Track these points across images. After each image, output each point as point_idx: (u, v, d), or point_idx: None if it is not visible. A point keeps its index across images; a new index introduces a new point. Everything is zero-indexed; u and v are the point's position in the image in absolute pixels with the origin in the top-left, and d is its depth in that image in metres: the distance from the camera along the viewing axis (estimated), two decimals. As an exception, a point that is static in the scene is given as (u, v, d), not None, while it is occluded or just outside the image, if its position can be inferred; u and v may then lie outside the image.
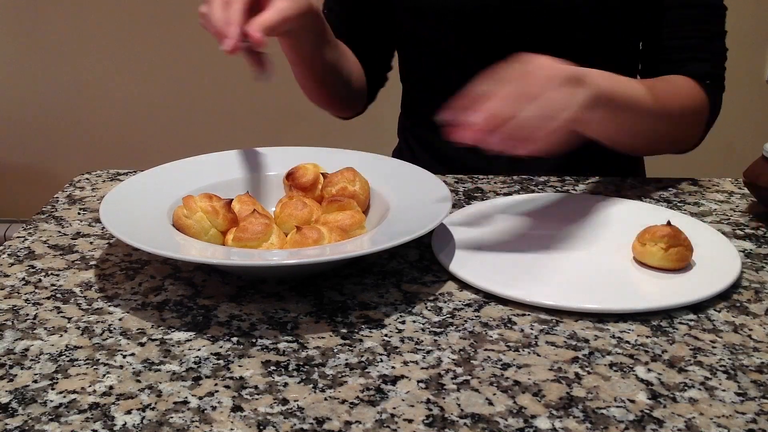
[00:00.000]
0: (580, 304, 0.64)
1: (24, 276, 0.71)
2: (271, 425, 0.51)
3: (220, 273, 0.71)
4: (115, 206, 0.71)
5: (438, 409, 0.52)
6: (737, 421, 0.51)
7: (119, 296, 0.67)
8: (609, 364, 0.58)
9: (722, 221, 0.83)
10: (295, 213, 0.73)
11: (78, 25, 2.27)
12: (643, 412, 0.52)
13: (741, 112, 2.17)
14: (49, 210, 0.86)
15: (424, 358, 0.58)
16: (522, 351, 0.59)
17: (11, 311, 0.65)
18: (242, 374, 0.56)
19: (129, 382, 0.55)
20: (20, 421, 0.51)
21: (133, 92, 2.33)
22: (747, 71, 2.19)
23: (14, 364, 0.57)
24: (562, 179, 0.94)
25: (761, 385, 0.55)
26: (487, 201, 0.86)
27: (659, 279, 0.69)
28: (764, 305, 0.66)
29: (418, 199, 0.75)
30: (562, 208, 0.84)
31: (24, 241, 0.78)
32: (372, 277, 0.70)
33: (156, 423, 0.51)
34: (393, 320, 0.63)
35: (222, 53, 0.74)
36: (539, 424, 0.51)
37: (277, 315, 0.64)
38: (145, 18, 2.25)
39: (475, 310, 0.65)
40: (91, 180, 0.94)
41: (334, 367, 0.57)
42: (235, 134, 2.32)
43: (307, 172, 0.78)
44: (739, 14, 2.12)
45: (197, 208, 0.71)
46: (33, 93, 2.36)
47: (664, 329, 0.62)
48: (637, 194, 0.90)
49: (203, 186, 0.79)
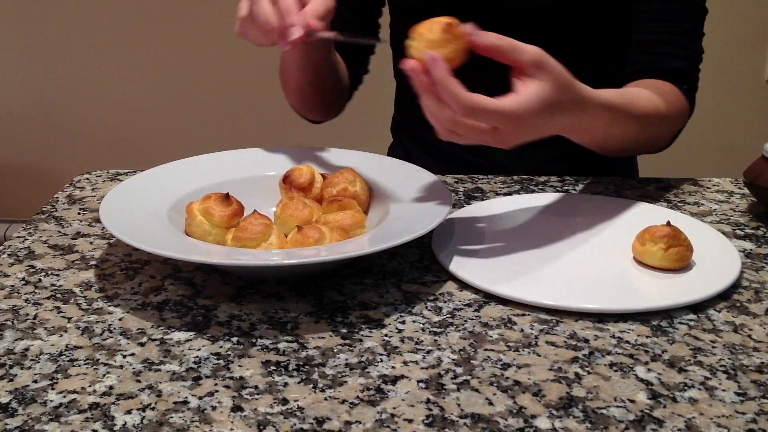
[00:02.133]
0: (580, 304, 0.64)
1: (24, 276, 0.71)
2: (271, 425, 0.51)
3: (220, 273, 0.71)
4: (115, 206, 0.72)
5: (438, 409, 0.52)
6: (737, 421, 0.51)
7: (119, 296, 0.67)
8: (609, 364, 0.58)
9: (722, 221, 0.83)
10: (295, 213, 0.73)
11: (78, 25, 2.27)
12: (643, 412, 0.52)
13: (741, 112, 2.17)
14: (49, 210, 0.86)
15: (424, 358, 0.58)
16: (522, 351, 0.59)
17: (11, 311, 0.65)
18: (242, 374, 0.56)
19: (129, 382, 0.55)
20: (20, 421, 0.51)
21: (133, 92, 2.33)
22: (747, 71, 2.19)
23: (14, 364, 0.57)
24: (562, 179, 0.94)
25: (761, 385, 0.55)
26: (487, 201, 0.86)
27: (659, 279, 0.69)
28: (764, 305, 0.66)
29: (418, 199, 0.75)
30: (562, 208, 0.84)
31: (24, 241, 0.78)
32: (372, 277, 0.70)
33: (156, 423, 0.51)
34: (393, 320, 0.63)
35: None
36: (539, 424, 0.51)
37: (277, 315, 0.64)
38: (145, 18, 2.25)
39: (475, 310, 0.65)
40: (91, 180, 0.94)
41: (334, 367, 0.57)
42: (235, 134, 2.32)
43: (302, 173, 0.79)
44: (739, 14, 2.13)
45: (196, 213, 0.71)
46: (33, 93, 2.36)
47: (664, 329, 0.62)
48: (637, 194, 0.90)
49: (203, 186, 0.79)
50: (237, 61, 2.17)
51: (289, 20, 0.73)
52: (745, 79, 2.20)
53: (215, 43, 2.22)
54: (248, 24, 0.77)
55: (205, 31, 2.22)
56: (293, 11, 0.73)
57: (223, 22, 2.21)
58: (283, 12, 0.74)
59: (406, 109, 1.13)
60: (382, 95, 1.20)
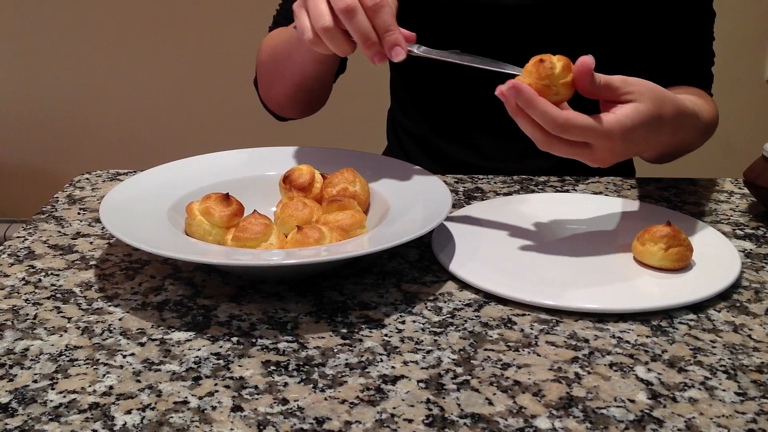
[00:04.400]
0: (580, 304, 0.64)
1: (24, 276, 0.71)
2: (271, 425, 0.51)
3: (220, 273, 0.71)
4: (115, 206, 0.72)
5: (438, 409, 0.52)
6: (737, 421, 0.51)
7: (119, 296, 0.67)
8: (609, 364, 0.58)
9: (722, 221, 0.83)
10: (296, 213, 0.73)
11: (78, 25, 2.27)
12: (643, 412, 0.52)
13: (741, 112, 2.17)
14: (49, 210, 0.86)
15: (424, 358, 0.58)
16: (522, 351, 0.59)
17: (11, 311, 0.65)
18: (242, 374, 0.56)
19: (129, 382, 0.55)
20: (20, 421, 0.51)
21: (133, 92, 2.33)
22: (747, 71, 2.19)
23: (14, 364, 0.57)
24: (562, 179, 0.94)
25: (761, 385, 0.55)
26: (487, 201, 0.86)
27: (659, 279, 0.69)
28: (764, 305, 0.66)
29: (418, 199, 0.75)
30: (562, 208, 0.84)
31: (24, 241, 0.78)
32: (372, 277, 0.70)
33: (156, 423, 0.51)
34: (393, 320, 0.63)
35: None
36: (539, 424, 0.51)
37: (277, 315, 0.64)
38: (146, 18, 2.25)
39: (475, 310, 0.65)
40: (91, 180, 0.94)
41: (334, 367, 0.57)
42: (235, 134, 2.32)
43: (302, 173, 0.79)
44: (739, 14, 2.13)
45: (196, 213, 0.71)
46: (33, 93, 2.36)
47: (664, 329, 0.62)
48: (637, 194, 0.90)
49: (203, 186, 0.79)
50: (237, 61, 2.17)
51: (392, 38, 0.72)
52: (745, 79, 2.20)
53: (215, 43, 2.22)
54: (332, 34, 0.73)
55: (204, 31, 2.22)
56: (395, 28, 0.72)
57: (222, 22, 2.22)
58: (380, 28, 0.72)
59: (404, 111, 1.13)
60: (381, 94, 1.20)
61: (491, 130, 1.03)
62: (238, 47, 2.14)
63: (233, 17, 2.20)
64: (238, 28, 2.18)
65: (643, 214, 0.81)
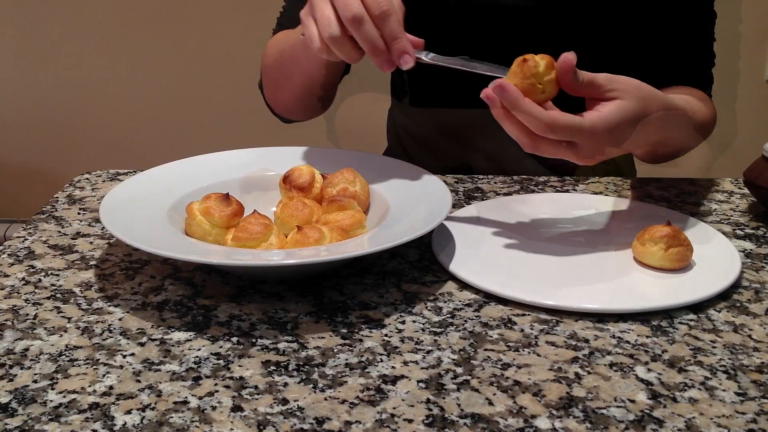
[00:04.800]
0: (580, 304, 0.64)
1: (24, 276, 0.71)
2: (271, 425, 0.51)
3: (220, 273, 0.71)
4: (115, 206, 0.72)
5: (438, 409, 0.52)
6: (737, 421, 0.51)
7: (119, 296, 0.67)
8: (609, 364, 0.58)
9: (722, 221, 0.83)
10: (296, 213, 0.73)
11: (78, 26, 2.27)
12: (643, 412, 0.52)
13: (741, 112, 2.17)
14: (49, 210, 0.86)
15: (424, 358, 0.58)
16: (522, 351, 0.59)
17: (11, 311, 0.65)
18: (242, 374, 0.56)
19: (129, 382, 0.55)
20: (20, 421, 0.51)
21: (133, 92, 2.33)
22: (747, 71, 2.19)
23: (14, 364, 0.57)
24: (562, 179, 0.94)
25: (761, 385, 0.55)
26: (487, 201, 0.86)
27: (659, 279, 0.69)
28: (764, 305, 0.66)
29: (418, 199, 0.75)
30: (562, 208, 0.84)
31: (24, 241, 0.78)
32: (372, 277, 0.70)
33: (156, 423, 0.51)
34: (393, 320, 0.63)
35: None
36: (539, 424, 0.51)
37: (277, 315, 0.64)
38: (145, 18, 2.24)
39: (475, 310, 0.65)
40: (91, 180, 0.94)
41: (334, 367, 0.57)
42: (235, 134, 2.32)
43: (302, 173, 0.79)
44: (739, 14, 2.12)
45: (196, 213, 0.71)
46: (33, 93, 2.36)
47: (664, 329, 0.62)
48: (637, 194, 0.90)
49: (203, 186, 0.79)
50: (237, 61, 2.17)
51: (400, 46, 0.72)
52: (745, 79, 2.20)
53: (215, 43, 2.22)
54: (340, 42, 0.73)
55: (204, 31, 2.22)
56: (402, 36, 0.72)
57: (222, 23, 2.22)
58: (388, 36, 0.72)
59: (404, 111, 1.13)
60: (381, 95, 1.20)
61: (491, 130, 1.03)
62: (238, 47, 2.14)
63: (233, 17, 2.20)
64: (238, 29, 2.17)
65: (643, 214, 0.81)
